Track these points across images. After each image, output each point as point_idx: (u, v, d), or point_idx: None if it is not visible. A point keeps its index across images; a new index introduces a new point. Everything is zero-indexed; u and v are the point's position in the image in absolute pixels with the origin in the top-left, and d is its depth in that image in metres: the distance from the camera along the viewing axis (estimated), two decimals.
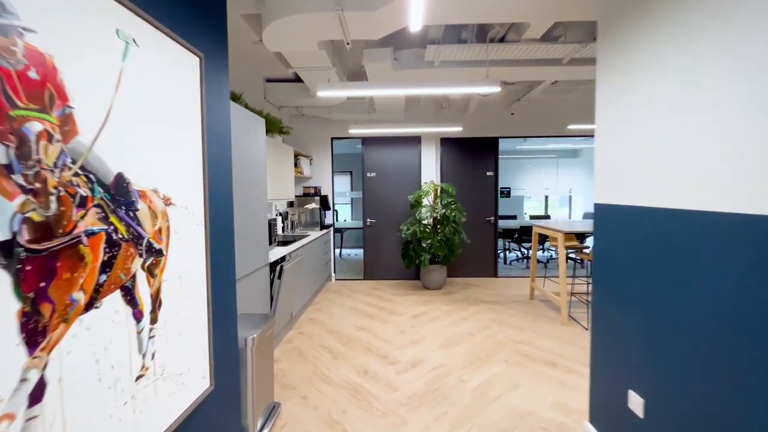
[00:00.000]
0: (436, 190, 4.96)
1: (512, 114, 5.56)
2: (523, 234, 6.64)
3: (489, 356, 3.04)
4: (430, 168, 5.53)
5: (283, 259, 3.29)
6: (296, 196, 5.28)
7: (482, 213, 5.70)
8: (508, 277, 5.81)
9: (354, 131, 4.85)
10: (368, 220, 5.64)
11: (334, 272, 5.73)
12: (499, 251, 6.01)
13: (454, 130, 4.83)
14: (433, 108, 5.47)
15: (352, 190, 9.17)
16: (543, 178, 7.78)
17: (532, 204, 8.83)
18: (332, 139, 5.59)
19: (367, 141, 5.58)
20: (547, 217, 7.60)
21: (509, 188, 5.66)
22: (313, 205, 5.10)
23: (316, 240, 4.59)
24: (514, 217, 7.63)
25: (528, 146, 7.08)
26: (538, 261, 6.86)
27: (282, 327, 3.35)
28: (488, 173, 5.70)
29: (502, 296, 4.76)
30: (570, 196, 8.97)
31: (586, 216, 7.30)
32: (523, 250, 7.17)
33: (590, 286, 3.07)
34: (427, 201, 5.43)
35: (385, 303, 4.53)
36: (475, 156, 5.69)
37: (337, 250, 8.18)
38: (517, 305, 4.38)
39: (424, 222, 4.97)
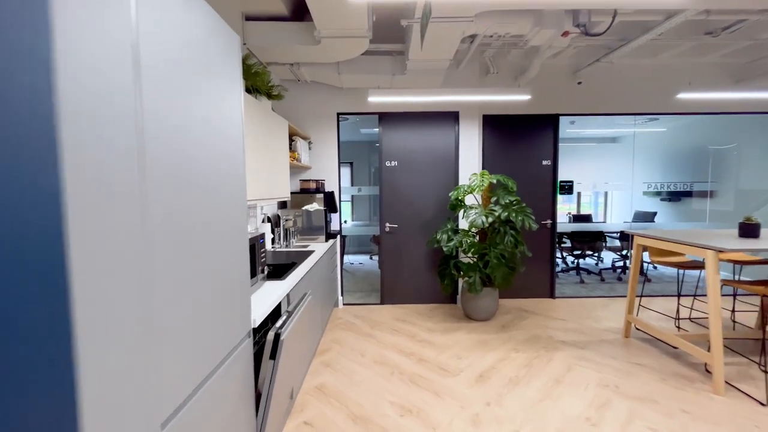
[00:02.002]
0: (490, 184, 3.55)
1: (579, 83, 4.19)
2: (574, 238, 5.32)
3: None
4: (470, 155, 4.12)
5: (277, 316, 1.83)
6: (291, 193, 3.79)
7: (537, 215, 4.34)
8: (565, 297, 4.48)
9: (376, 99, 3.37)
10: (387, 225, 4.20)
11: (342, 294, 4.28)
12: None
13: (520, 99, 3.42)
14: (478, 72, 4.05)
15: (353, 185, 7.69)
16: (585, 168, 6.49)
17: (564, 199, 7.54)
18: (339, 115, 4.11)
19: (386, 118, 4.12)
20: (588, 217, 6.32)
21: (571, 182, 4.31)
22: (315, 206, 3.63)
23: (322, 257, 3.14)
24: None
25: (575, 129, 5.78)
26: (590, 272, 5.57)
27: (274, 417, 1.89)
28: (544, 162, 4.33)
29: (583, 332, 3.42)
30: (606, 192, 7.73)
31: (637, 216, 6.06)
32: (571, 257, 5.86)
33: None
34: (473, 199, 4.02)
35: (424, 348, 3.12)
36: (527, 139, 4.30)
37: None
38: (615, 350, 3.04)
39: (468, 229, 3.57)
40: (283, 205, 3.80)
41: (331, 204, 3.86)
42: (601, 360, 2.88)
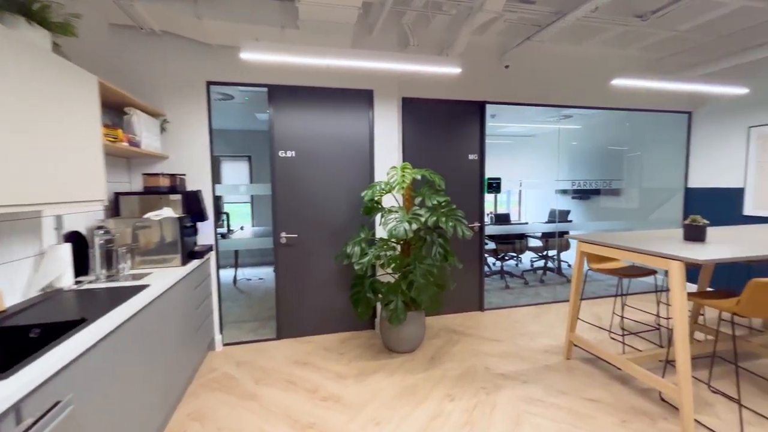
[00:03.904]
0: (413, 181, 2.78)
1: (507, 67, 3.69)
2: (498, 240, 4.94)
3: None
4: (389, 145, 3.33)
5: None
6: (119, 194, 2.53)
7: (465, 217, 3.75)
8: (493, 308, 3.99)
9: (252, 57, 2.33)
10: (283, 234, 3.18)
11: (221, 330, 3.13)
12: None
13: (447, 71, 2.70)
14: (396, 43, 3.27)
15: (252, 182, 6.41)
16: (505, 165, 6.27)
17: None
18: (209, 85, 2.95)
19: (278, 93, 3.09)
20: (507, 217, 6.10)
21: (499, 179, 3.82)
22: (166, 213, 2.44)
23: (169, 293, 2.01)
24: None
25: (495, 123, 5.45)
26: (513, 275, 5.28)
27: None
28: (471, 156, 3.75)
29: (521, 356, 2.86)
30: (520, 190, 7.76)
31: (552, 215, 6.02)
32: (492, 259, 5.51)
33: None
34: (393, 200, 3.23)
35: (328, 411, 2.21)
36: (452, 129, 3.68)
37: (230, 273, 5.41)
38: (562, 380, 2.51)
39: (387, 238, 2.76)
40: (115, 211, 2.52)
41: (195, 208, 2.70)
42: (551, 399, 2.31)
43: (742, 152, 3.98)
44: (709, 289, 4.03)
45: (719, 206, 4.22)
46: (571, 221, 5.48)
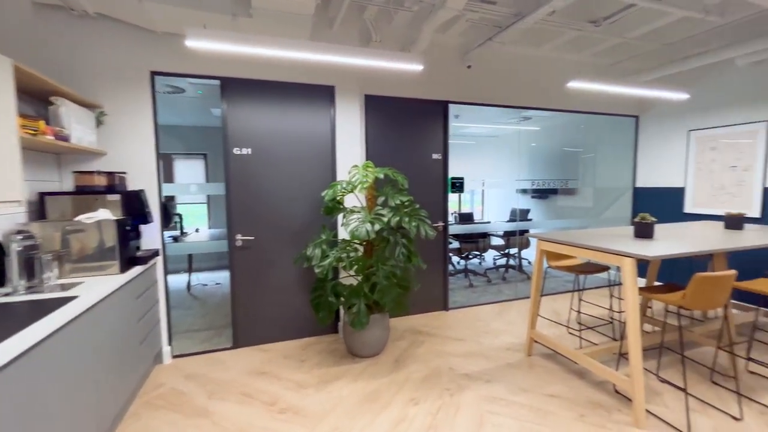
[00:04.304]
0: (375, 180, 2.70)
1: (469, 67, 3.72)
2: (462, 239, 4.99)
3: None
4: (351, 143, 3.24)
5: None
6: (44, 194, 2.25)
7: (429, 217, 3.73)
8: (458, 307, 4.01)
9: (199, 44, 2.15)
10: (239, 237, 3.00)
11: (170, 341, 2.90)
12: None
13: (410, 68, 2.64)
14: (357, 38, 3.18)
15: (209, 181, 6.07)
16: (467, 165, 6.36)
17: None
18: (154, 75, 2.71)
19: (232, 86, 2.90)
20: (470, 216, 6.20)
21: (462, 179, 3.84)
22: (101, 215, 2.20)
23: (108, 300, 1.79)
24: None
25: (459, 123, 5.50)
26: (476, 273, 5.35)
27: None
28: (435, 155, 3.74)
29: (485, 355, 2.87)
30: (483, 190, 7.92)
31: (514, 214, 6.19)
32: (456, 258, 5.57)
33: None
34: (356, 200, 3.14)
35: (288, 424, 2.08)
36: (416, 128, 3.65)
37: (183, 278, 5.08)
38: (524, 377, 2.54)
39: (349, 240, 2.67)
40: (40, 213, 2.24)
41: (137, 210, 2.46)
42: (513, 397, 2.32)
43: (682, 154, 4.27)
44: (656, 282, 4.29)
45: (663, 204, 4.50)
46: (531, 220, 5.65)
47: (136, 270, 2.31)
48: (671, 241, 2.41)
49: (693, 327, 2.92)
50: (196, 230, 5.49)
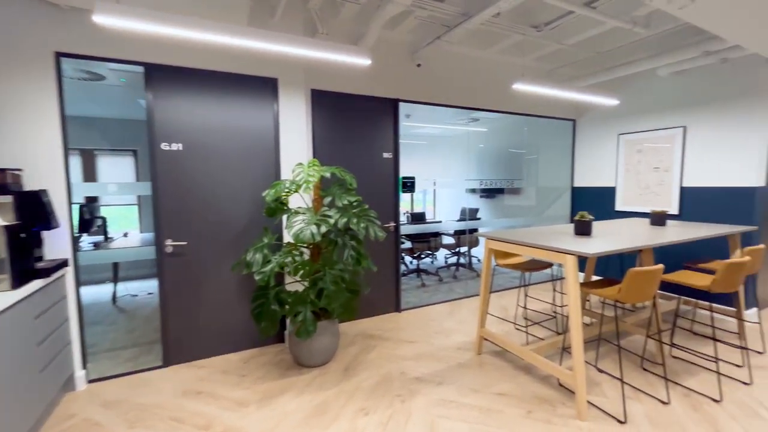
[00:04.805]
0: (321, 180, 2.54)
1: (419, 65, 3.68)
2: (414, 239, 4.98)
3: None
4: (297, 141, 3.05)
5: None
6: None
7: (379, 217, 3.65)
8: (410, 308, 3.98)
9: (107, 22, 1.86)
10: (169, 242, 2.69)
11: (84, 365, 2.52)
12: None
13: (358, 62, 2.53)
14: (302, 30, 2.99)
15: (140, 179, 5.49)
16: (418, 165, 6.39)
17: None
18: (60, 57, 2.33)
19: (158, 74, 2.59)
20: (422, 216, 6.24)
21: (413, 178, 3.80)
22: None
23: None
24: None
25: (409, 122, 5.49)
26: (428, 272, 5.38)
27: None
28: (385, 155, 3.66)
29: (437, 356, 2.84)
30: (434, 189, 8.03)
31: (463, 213, 6.33)
32: (409, 258, 5.55)
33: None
34: (301, 201, 2.96)
35: None
36: (366, 127, 3.54)
37: (107, 288, 4.54)
38: (473, 377, 2.54)
39: (294, 243, 2.49)
40: None
41: (37, 213, 2.09)
42: (464, 399, 2.30)
43: (613, 156, 4.60)
44: (594, 276, 4.57)
45: (598, 203, 4.82)
46: (479, 219, 5.80)
47: (35, 284, 1.96)
48: (607, 237, 2.53)
49: (625, 317, 3.12)
50: (125, 235, 4.94)
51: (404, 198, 3.80)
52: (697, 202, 3.82)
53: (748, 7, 2.15)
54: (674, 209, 4.00)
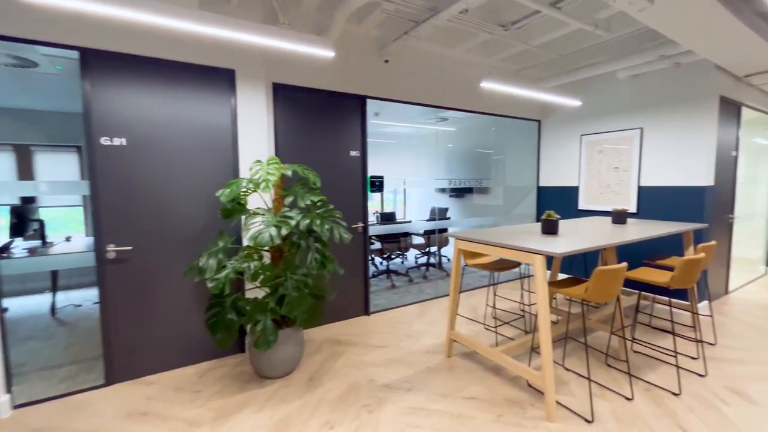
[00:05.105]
0: (282, 178, 2.38)
1: (386, 61, 3.58)
2: (384, 240, 4.89)
3: None
4: (257, 138, 2.86)
5: None
6: None
7: (347, 218, 3.52)
8: (379, 311, 3.88)
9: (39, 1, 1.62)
10: (112, 247, 2.42)
11: (9, 388, 2.21)
12: None
13: (321, 53, 2.38)
14: (261, 17, 2.80)
15: (84, 178, 5.02)
16: (387, 164, 6.31)
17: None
18: None
19: (97, 60, 2.32)
20: (392, 215, 6.17)
21: (382, 178, 3.70)
22: None
23: None
24: None
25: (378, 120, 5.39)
26: (398, 273, 5.31)
27: None
28: (353, 153, 3.54)
29: (407, 361, 2.75)
30: (405, 189, 8.00)
31: (433, 213, 6.32)
32: (378, 259, 5.45)
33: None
34: (260, 201, 2.77)
35: None
36: (332, 124, 3.40)
37: (46, 298, 4.11)
38: (443, 381, 2.47)
39: (253, 246, 2.32)
40: None
41: None
42: (433, 405, 2.22)
43: (576, 156, 4.72)
44: (560, 274, 4.67)
45: (562, 202, 4.93)
46: (449, 218, 5.80)
47: None
48: (573, 236, 2.55)
49: (590, 314, 3.17)
50: (67, 239, 4.49)
51: (374, 198, 3.71)
52: (653, 201, 3.98)
53: (702, 10, 2.22)
54: (633, 208, 4.15)
